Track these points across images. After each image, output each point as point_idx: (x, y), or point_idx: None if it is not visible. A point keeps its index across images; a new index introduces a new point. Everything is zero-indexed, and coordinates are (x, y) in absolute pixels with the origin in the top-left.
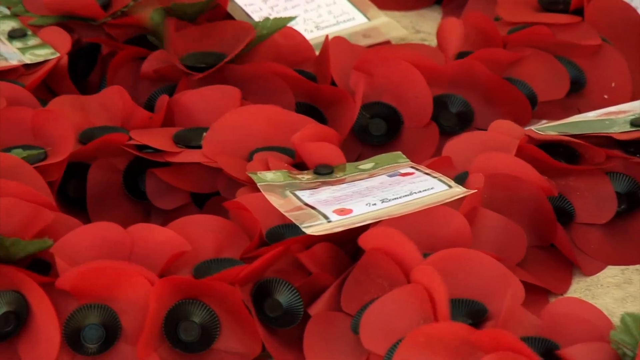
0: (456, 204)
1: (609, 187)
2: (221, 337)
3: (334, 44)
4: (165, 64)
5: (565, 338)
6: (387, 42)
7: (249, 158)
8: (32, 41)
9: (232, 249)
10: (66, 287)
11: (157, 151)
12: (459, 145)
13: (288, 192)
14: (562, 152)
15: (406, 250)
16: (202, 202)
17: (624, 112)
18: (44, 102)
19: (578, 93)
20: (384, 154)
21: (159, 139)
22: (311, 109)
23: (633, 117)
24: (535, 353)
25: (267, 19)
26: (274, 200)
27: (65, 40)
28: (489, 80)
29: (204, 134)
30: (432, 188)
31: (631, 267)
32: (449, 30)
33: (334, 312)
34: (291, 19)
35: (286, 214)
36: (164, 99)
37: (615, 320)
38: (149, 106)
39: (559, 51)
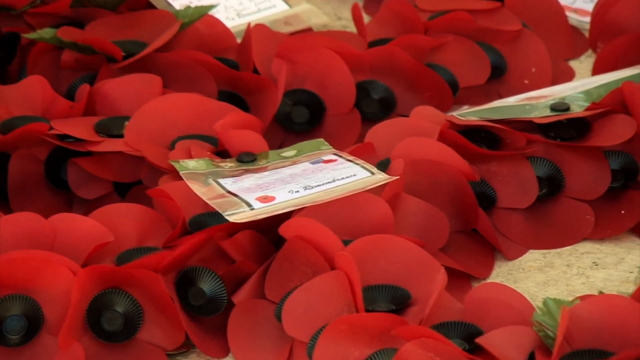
0: (378, 190)
1: (530, 172)
2: (144, 326)
3: (256, 32)
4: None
5: (487, 322)
6: (309, 29)
7: (172, 146)
8: None
9: (155, 237)
10: None
11: (78, 140)
12: (381, 132)
13: (211, 180)
14: (484, 137)
15: (326, 238)
16: (124, 191)
17: (544, 96)
18: None
19: (499, 78)
20: (306, 141)
21: (80, 128)
22: (233, 97)
23: (553, 101)
24: (458, 338)
25: (188, 7)
26: (197, 188)
27: None
28: (411, 67)
29: (126, 122)
30: (354, 175)
31: (552, 250)
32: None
33: (257, 299)
34: (212, 7)
35: (209, 202)
36: (84, 88)
37: (538, 304)
38: (70, 95)
39: (480, 37)
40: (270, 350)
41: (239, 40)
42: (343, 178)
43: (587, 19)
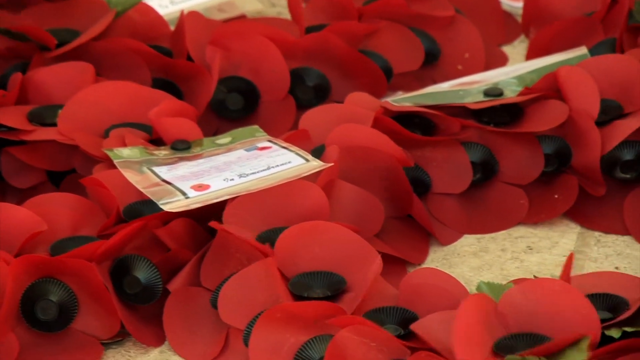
0: (313, 176)
1: (464, 157)
2: (79, 315)
3: (189, 19)
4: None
5: (422, 307)
6: (243, 16)
7: (106, 135)
8: None
9: (89, 226)
10: None
11: (11, 129)
12: (315, 118)
13: (145, 169)
14: (418, 123)
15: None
16: (58, 180)
17: (477, 82)
18: None
19: (432, 64)
20: (241, 128)
21: (12, 117)
22: (168, 85)
23: (486, 87)
24: (393, 323)
25: None
26: (131, 176)
27: None
28: (345, 53)
29: (59, 111)
30: (289, 162)
31: (487, 235)
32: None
33: (193, 287)
34: None
35: (143, 191)
36: (17, 77)
37: (472, 289)
38: (2, 84)
39: (413, 23)
40: (206, 338)
41: (172, 28)
42: (278, 165)
43: (520, 4)
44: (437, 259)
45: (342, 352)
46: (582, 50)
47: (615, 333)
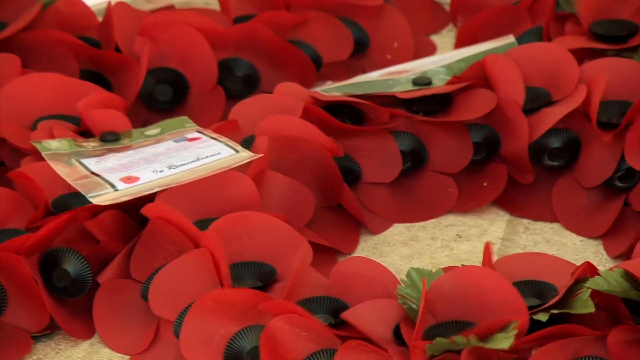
0: (243, 167)
1: (394, 146)
2: (8, 309)
3: (117, 10)
4: None
5: (353, 296)
6: (171, 7)
7: (33, 127)
8: None
9: (16, 219)
10: None
11: None
12: (245, 109)
13: (74, 161)
14: (347, 112)
15: (182, 222)
16: None
17: (406, 71)
18: None
19: (362, 53)
20: (170, 119)
21: None
22: (96, 76)
23: (415, 76)
24: (324, 313)
25: None
26: (60, 169)
27: None
28: (273, 43)
29: None
30: (219, 153)
31: (417, 224)
32: None
33: (123, 279)
34: None
35: (72, 183)
36: None
37: (402, 277)
38: None
39: (342, 12)
40: (136, 330)
41: (100, 19)
42: (207, 156)
43: None
44: (368, 248)
45: (273, 341)
46: (510, 39)
47: (542, 317)
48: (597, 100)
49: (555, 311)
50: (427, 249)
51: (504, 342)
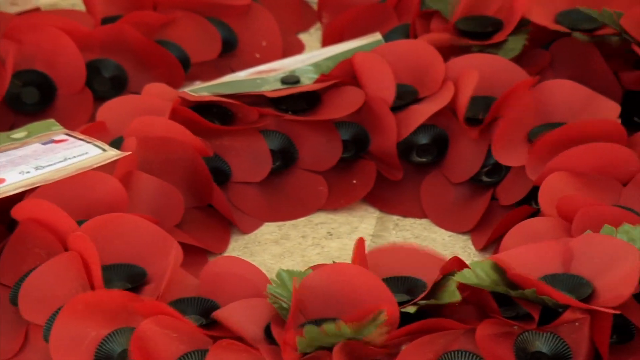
0: (111, 169)
1: (263, 145)
2: None
3: None
4: None
5: (224, 296)
6: (37, 9)
7: None
8: None
9: None
10: None
11: None
12: (113, 110)
13: None
14: (216, 112)
15: (59, 219)
16: None
17: (275, 70)
18: None
19: (230, 53)
20: (36, 122)
21: None
22: None
23: (283, 75)
24: (194, 313)
25: None
26: None
27: None
28: (141, 44)
29: None
30: (86, 153)
31: (288, 222)
32: None
33: None
34: None
35: None
36: None
37: (274, 276)
38: None
39: (210, 12)
40: (4, 336)
41: None
42: (75, 157)
43: None
44: (239, 247)
45: (144, 343)
46: (377, 37)
47: (411, 309)
48: (466, 97)
49: (423, 302)
50: (298, 247)
51: (373, 329)
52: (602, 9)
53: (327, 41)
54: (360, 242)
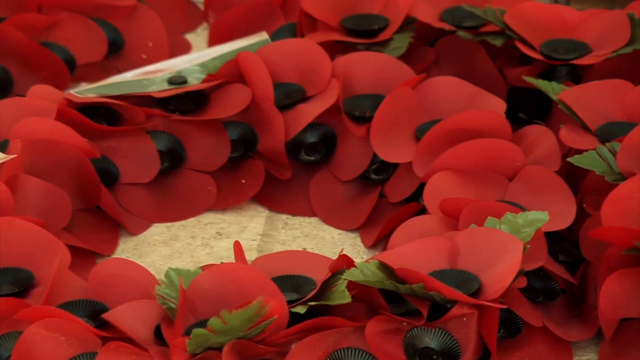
0: None
1: (151, 146)
2: None
3: None
4: None
5: (113, 298)
6: None
7: None
8: None
9: None
10: None
11: None
12: None
13: None
14: (103, 113)
15: None
16: None
17: (162, 70)
18: None
19: (116, 54)
20: None
21: None
22: None
23: (170, 75)
24: (83, 316)
25: None
26: None
27: None
28: (25, 46)
29: None
30: None
31: (177, 223)
32: None
33: None
34: None
35: None
36: None
37: (163, 277)
38: None
39: (95, 13)
40: None
41: None
42: None
43: None
44: (128, 249)
45: (30, 348)
46: (263, 36)
47: (301, 309)
48: (346, 94)
49: (313, 303)
50: (188, 247)
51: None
52: (485, 6)
53: (214, 41)
54: (237, 245)
